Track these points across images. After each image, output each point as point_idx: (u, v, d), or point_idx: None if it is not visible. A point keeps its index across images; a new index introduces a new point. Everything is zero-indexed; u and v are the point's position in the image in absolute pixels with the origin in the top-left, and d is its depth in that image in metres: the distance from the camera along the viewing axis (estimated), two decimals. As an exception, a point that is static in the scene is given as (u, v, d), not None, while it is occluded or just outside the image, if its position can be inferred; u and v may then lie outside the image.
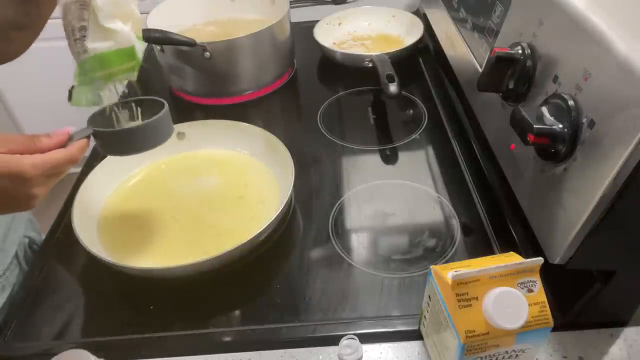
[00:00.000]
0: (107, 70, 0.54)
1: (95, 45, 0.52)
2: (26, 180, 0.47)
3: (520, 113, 0.47)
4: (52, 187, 0.52)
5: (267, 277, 0.64)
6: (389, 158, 0.82)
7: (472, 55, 0.70)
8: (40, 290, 0.64)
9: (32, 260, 0.78)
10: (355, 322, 0.57)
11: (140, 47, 0.54)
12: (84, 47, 0.52)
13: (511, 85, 0.54)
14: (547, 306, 0.43)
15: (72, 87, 0.55)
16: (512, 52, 0.53)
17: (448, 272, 0.44)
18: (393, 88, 0.80)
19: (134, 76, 0.56)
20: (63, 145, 0.52)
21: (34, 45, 0.76)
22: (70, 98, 0.55)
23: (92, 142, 0.80)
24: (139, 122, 0.59)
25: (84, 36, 0.51)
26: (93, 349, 0.46)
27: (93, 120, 0.57)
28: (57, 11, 0.61)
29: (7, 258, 0.72)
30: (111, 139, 0.57)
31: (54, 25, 0.67)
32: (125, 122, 0.60)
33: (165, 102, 0.60)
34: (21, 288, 0.65)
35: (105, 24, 0.51)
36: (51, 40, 0.76)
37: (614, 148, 0.39)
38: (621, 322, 0.55)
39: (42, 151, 0.50)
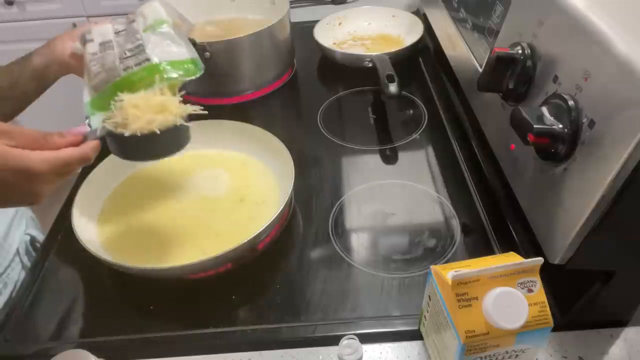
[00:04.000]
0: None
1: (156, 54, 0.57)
2: (34, 176, 0.46)
3: (520, 113, 0.47)
4: (59, 184, 0.51)
5: (267, 277, 0.64)
6: (389, 158, 0.82)
7: (472, 55, 0.70)
8: (40, 290, 0.64)
9: (33, 259, 0.79)
10: (355, 322, 0.57)
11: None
12: (144, 56, 0.57)
13: (511, 85, 0.54)
14: (547, 306, 0.43)
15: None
16: (512, 52, 0.53)
17: (448, 272, 0.44)
18: (393, 88, 0.80)
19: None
20: (76, 145, 0.51)
21: (33, 45, 0.77)
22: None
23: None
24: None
25: (142, 49, 0.57)
26: (93, 349, 0.46)
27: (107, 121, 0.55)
28: (61, 11, 0.64)
29: (8, 255, 0.72)
30: (125, 143, 0.55)
31: (53, 25, 0.68)
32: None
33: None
34: (21, 288, 0.65)
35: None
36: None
37: (614, 148, 0.39)
38: (621, 322, 0.55)
39: (54, 149, 0.49)
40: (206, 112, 0.59)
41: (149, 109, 0.54)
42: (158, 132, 0.54)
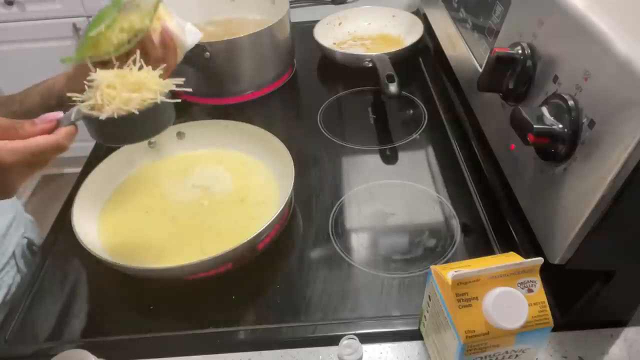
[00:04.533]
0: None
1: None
2: (3, 169, 0.43)
3: (520, 113, 0.47)
4: (33, 176, 0.47)
5: (267, 277, 0.64)
6: (389, 158, 0.82)
7: (472, 55, 0.70)
8: (40, 290, 0.64)
9: (30, 261, 0.78)
10: (355, 322, 0.57)
11: None
12: None
13: (511, 85, 0.54)
14: (547, 306, 0.43)
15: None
16: (512, 52, 0.53)
17: (448, 272, 0.44)
18: (393, 88, 0.80)
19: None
20: (49, 132, 0.47)
21: (33, 45, 0.77)
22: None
23: (91, 142, 0.79)
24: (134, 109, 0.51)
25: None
26: (93, 349, 0.46)
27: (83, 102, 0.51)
28: (61, 11, 0.64)
29: (3, 258, 0.72)
30: (103, 127, 0.50)
31: (53, 25, 0.68)
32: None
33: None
34: (21, 288, 0.65)
35: None
36: (50, 40, 0.76)
37: (614, 148, 0.39)
38: (621, 322, 0.55)
39: (24, 138, 0.45)
40: (190, 89, 0.54)
41: (125, 87, 0.50)
42: (137, 112, 0.49)
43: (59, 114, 0.49)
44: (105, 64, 0.57)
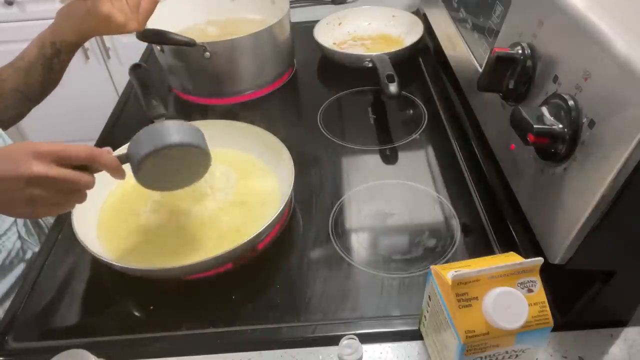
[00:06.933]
0: None
1: None
2: (35, 154, 0.46)
3: (520, 113, 0.47)
4: (59, 196, 0.51)
5: (267, 277, 0.64)
6: (389, 158, 0.82)
7: (472, 55, 0.70)
8: (39, 290, 0.64)
9: (31, 230, 0.78)
10: (355, 322, 0.57)
11: None
12: None
13: (511, 85, 0.54)
14: (547, 306, 0.43)
15: None
16: (512, 52, 0.53)
17: (448, 272, 0.44)
18: (393, 88, 0.80)
19: None
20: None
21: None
22: None
23: (90, 142, 0.79)
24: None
25: None
26: (93, 349, 0.46)
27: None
28: (55, 12, 0.64)
29: (5, 224, 0.72)
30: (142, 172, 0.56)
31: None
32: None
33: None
34: (21, 287, 0.65)
35: None
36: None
37: (614, 148, 0.39)
38: (621, 322, 0.55)
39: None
40: None
41: None
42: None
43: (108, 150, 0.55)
44: None
